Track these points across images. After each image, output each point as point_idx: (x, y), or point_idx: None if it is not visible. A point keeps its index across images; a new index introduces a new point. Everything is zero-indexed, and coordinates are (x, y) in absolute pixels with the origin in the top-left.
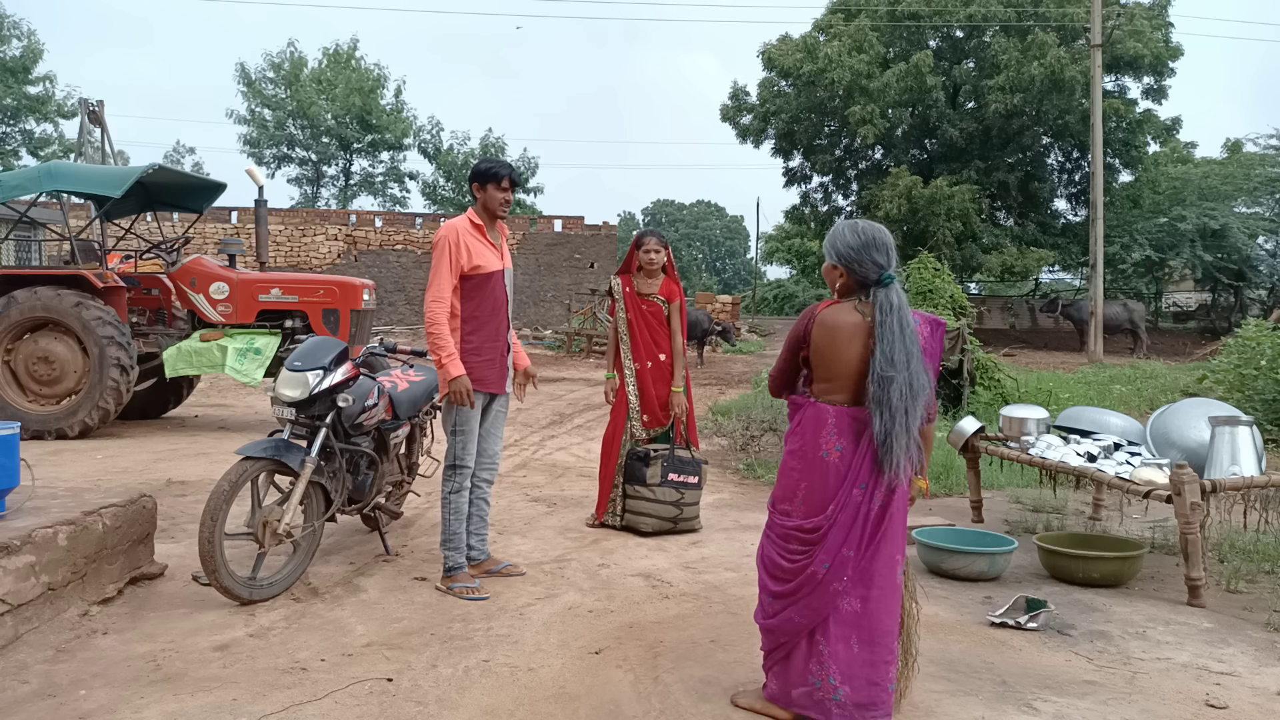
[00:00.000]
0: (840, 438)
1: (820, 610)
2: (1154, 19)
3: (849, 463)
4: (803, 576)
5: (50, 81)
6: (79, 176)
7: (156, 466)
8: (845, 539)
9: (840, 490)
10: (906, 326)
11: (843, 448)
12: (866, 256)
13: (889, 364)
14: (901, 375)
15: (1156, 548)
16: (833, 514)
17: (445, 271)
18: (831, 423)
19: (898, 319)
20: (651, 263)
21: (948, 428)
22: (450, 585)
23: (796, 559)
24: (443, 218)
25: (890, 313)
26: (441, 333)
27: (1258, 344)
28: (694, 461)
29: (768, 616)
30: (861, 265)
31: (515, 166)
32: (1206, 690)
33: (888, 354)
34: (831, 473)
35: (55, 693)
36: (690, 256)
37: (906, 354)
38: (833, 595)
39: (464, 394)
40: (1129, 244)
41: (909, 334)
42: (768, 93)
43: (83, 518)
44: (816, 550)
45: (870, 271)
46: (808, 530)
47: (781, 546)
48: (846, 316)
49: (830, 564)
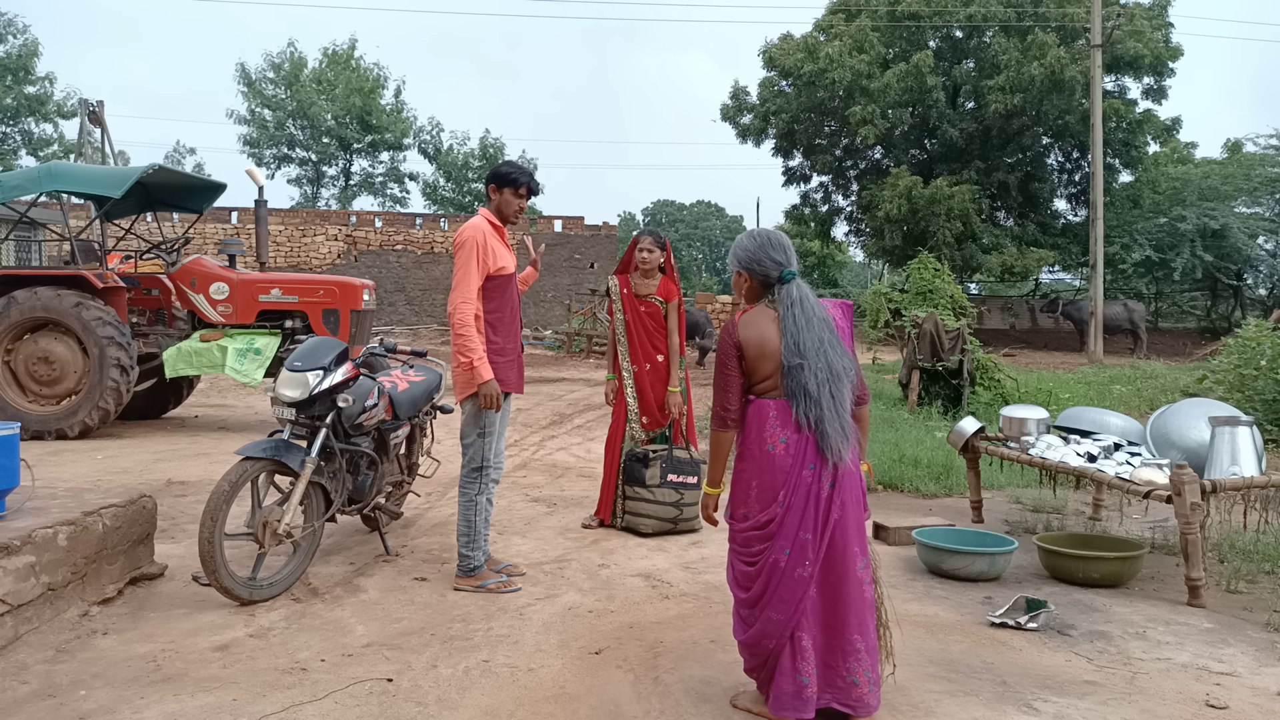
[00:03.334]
0: (783, 429)
1: (792, 602)
2: (1154, 19)
3: (794, 450)
4: (767, 570)
5: (49, 81)
6: (79, 177)
7: (156, 467)
8: (800, 522)
9: (789, 477)
10: (812, 315)
11: (787, 438)
12: (765, 256)
13: (795, 353)
14: (813, 362)
15: (1156, 548)
16: (784, 499)
17: (474, 272)
18: (773, 415)
19: (801, 309)
20: (646, 262)
21: (948, 428)
22: (482, 583)
23: (757, 557)
24: (443, 218)
25: (792, 306)
26: (471, 334)
27: (1258, 344)
28: (693, 462)
29: (747, 628)
30: (761, 265)
31: (534, 177)
32: (1206, 690)
33: (792, 344)
34: (778, 463)
35: (55, 693)
36: (690, 257)
37: (817, 340)
38: (799, 582)
39: (494, 397)
40: (1129, 244)
41: (816, 321)
42: (768, 92)
43: (83, 518)
44: (775, 540)
45: (771, 269)
46: (763, 524)
47: (744, 552)
48: (762, 315)
49: (790, 549)
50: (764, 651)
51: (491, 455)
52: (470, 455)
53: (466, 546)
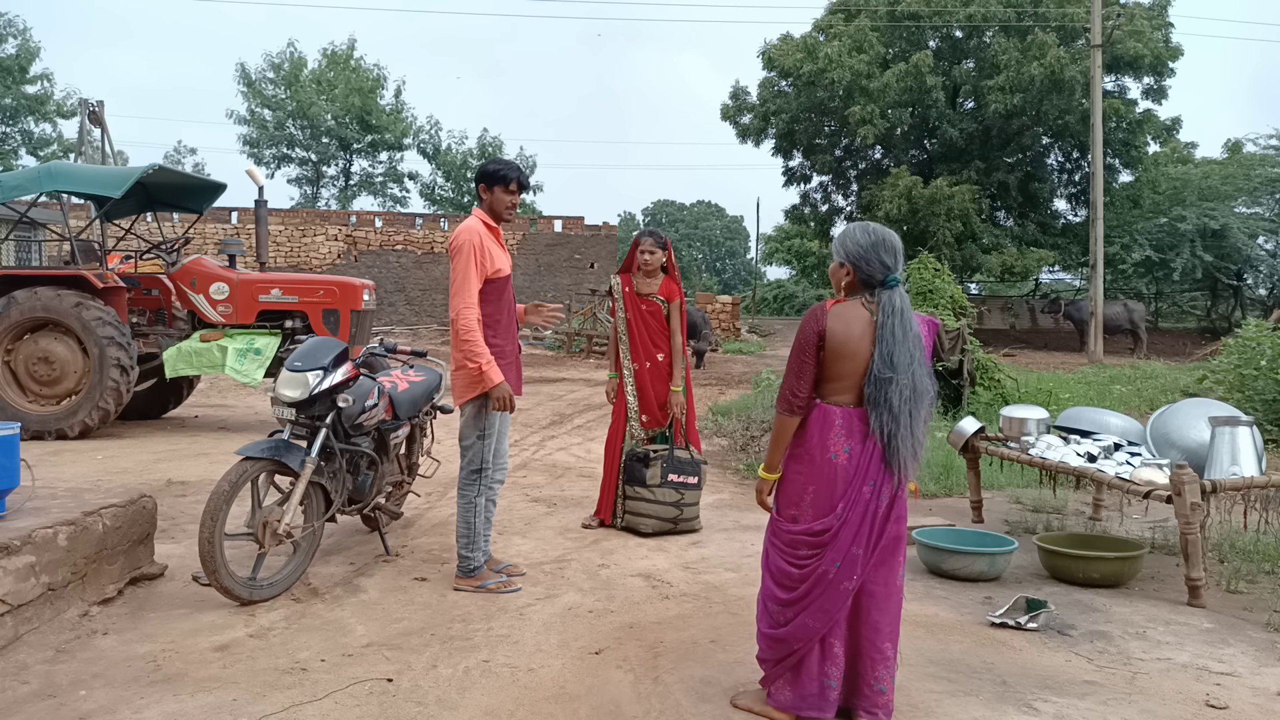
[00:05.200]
0: (849, 439)
1: (833, 612)
2: (1154, 19)
3: (857, 462)
4: (813, 579)
5: (49, 81)
6: (79, 177)
7: (156, 467)
8: (855, 537)
9: (849, 489)
10: (909, 330)
11: (850, 449)
12: (875, 256)
13: (887, 365)
14: (902, 378)
15: (1156, 548)
16: (843, 513)
17: (473, 276)
18: (839, 424)
19: (900, 321)
20: (647, 263)
21: (948, 428)
22: (482, 584)
23: (806, 563)
24: (443, 218)
25: (893, 315)
26: (477, 339)
27: (1258, 344)
28: (694, 462)
29: (777, 625)
30: (869, 265)
31: (524, 170)
32: (1206, 690)
33: (886, 356)
34: (840, 474)
35: (55, 693)
36: (690, 257)
37: (909, 357)
38: (843, 595)
39: (507, 399)
40: (1129, 244)
41: (911, 338)
42: (768, 92)
43: (83, 518)
44: (826, 551)
45: (877, 271)
46: (817, 533)
47: (789, 553)
48: (857, 312)
49: (841, 562)
50: (788, 650)
51: (490, 457)
52: (469, 457)
53: (466, 548)
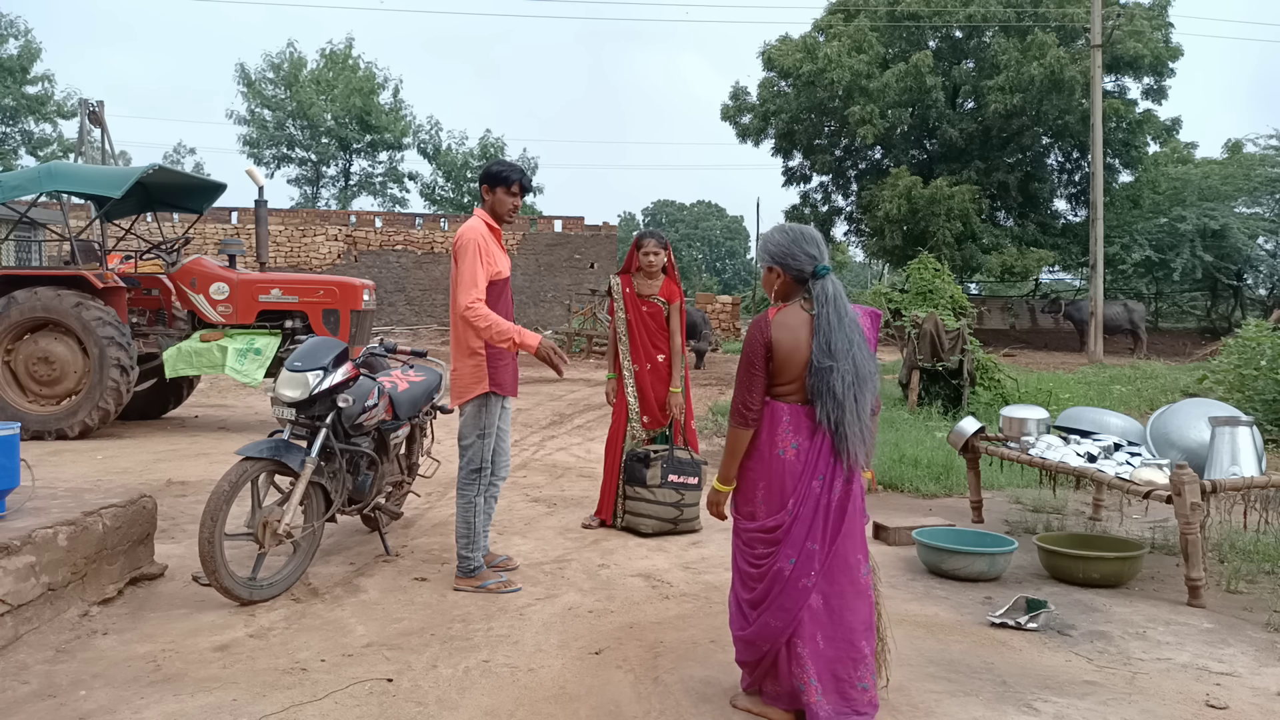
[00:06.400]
0: (795, 434)
1: (792, 610)
2: (1154, 19)
3: (805, 458)
4: (770, 576)
5: (49, 81)
6: (79, 177)
7: (156, 467)
8: (808, 532)
9: (799, 484)
10: (845, 315)
11: (798, 444)
12: (798, 250)
13: (825, 354)
14: (842, 364)
15: (1156, 548)
16: (793, 508)
17: (479, 271)
18: (786, 420)
19: (834, 309)
20: (650, 264)
21: (948, 428)
22: (482, 584)
23: (762, 562)
24: (443, 218)
25: (827, 302)
26: (496, 319)
27: (1258, 344)
28: (694, 462)
29: (745, 626)
30: (795, 259)
31: (527, 172)
32: (1206, 690)
33: (824, 344)
34: (788, 470)
35: (55, 693)
36: (690, 257)
37: (847, 342)
38: (802, 592)
39: (553, 351)
40: (1129, 244)
41: (847, 322)
42: (768, 92)
43: (83, 518)
44: (781, 547)
45: (805, 264)
46: (770, 529)
47: (748, 552)
48: (796, 316)
49: (796, 558)
50: (759, 653)
51: (490, 456)
52: (469, 457)
53: (466, 548)
